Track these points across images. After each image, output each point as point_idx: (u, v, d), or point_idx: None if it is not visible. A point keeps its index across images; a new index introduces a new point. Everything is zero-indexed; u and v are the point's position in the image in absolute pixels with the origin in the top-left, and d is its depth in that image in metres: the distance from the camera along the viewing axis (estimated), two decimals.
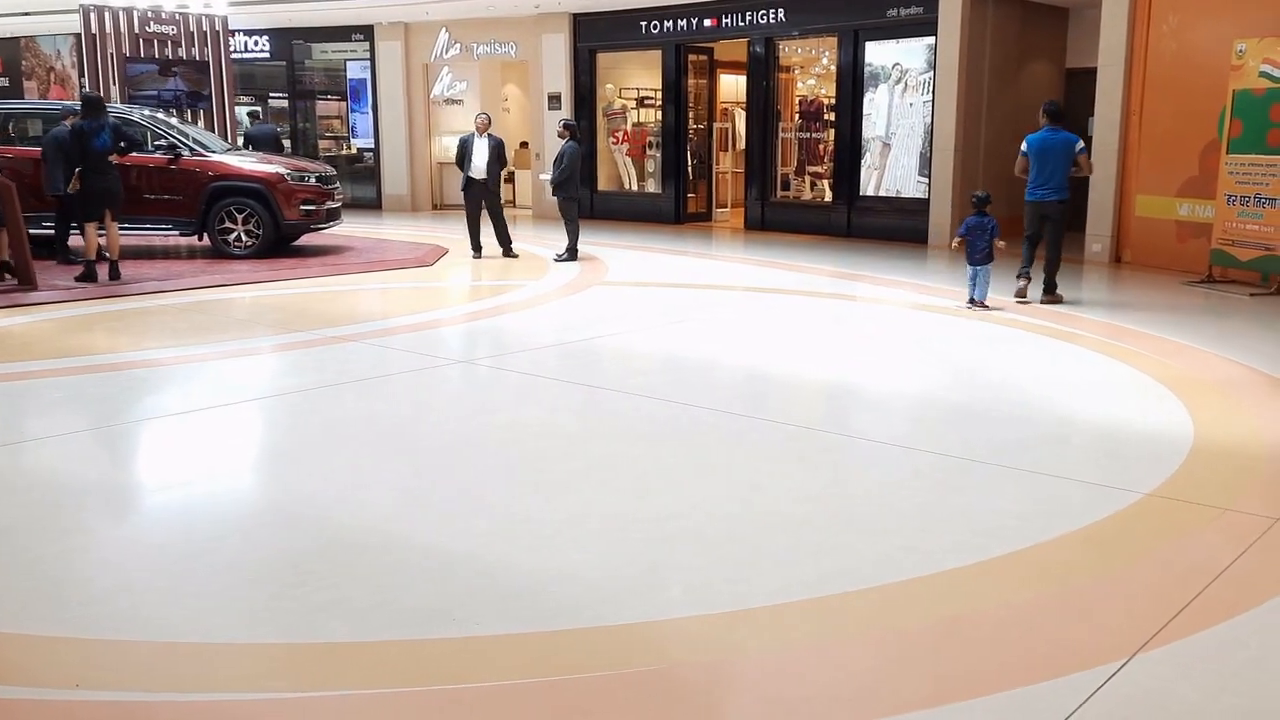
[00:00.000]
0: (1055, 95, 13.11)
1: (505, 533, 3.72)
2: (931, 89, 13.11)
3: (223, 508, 4.10)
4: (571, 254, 11.47)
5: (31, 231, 9.51)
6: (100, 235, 9.61)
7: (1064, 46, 14.05)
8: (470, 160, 11.59)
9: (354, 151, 19.41)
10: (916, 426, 5.35)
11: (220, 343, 7.23)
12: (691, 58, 16.38)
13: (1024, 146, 8.81)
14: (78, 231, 9.83)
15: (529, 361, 6.65)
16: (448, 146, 18.98)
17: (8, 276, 9.24)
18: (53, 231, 10.56)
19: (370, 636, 2.93)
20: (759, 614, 3.09)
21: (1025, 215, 8.97)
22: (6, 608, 3.13)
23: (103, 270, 9.51)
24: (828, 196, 15.00)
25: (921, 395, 5.94)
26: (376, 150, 18.90)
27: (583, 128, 11.78)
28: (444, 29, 17.93)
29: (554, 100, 17.13)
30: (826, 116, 15.07)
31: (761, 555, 3.53)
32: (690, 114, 16.59)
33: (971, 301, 8.48)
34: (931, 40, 13.04)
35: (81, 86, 17.75)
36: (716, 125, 17.05)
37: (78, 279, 9.41)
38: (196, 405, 5.58)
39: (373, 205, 18.79)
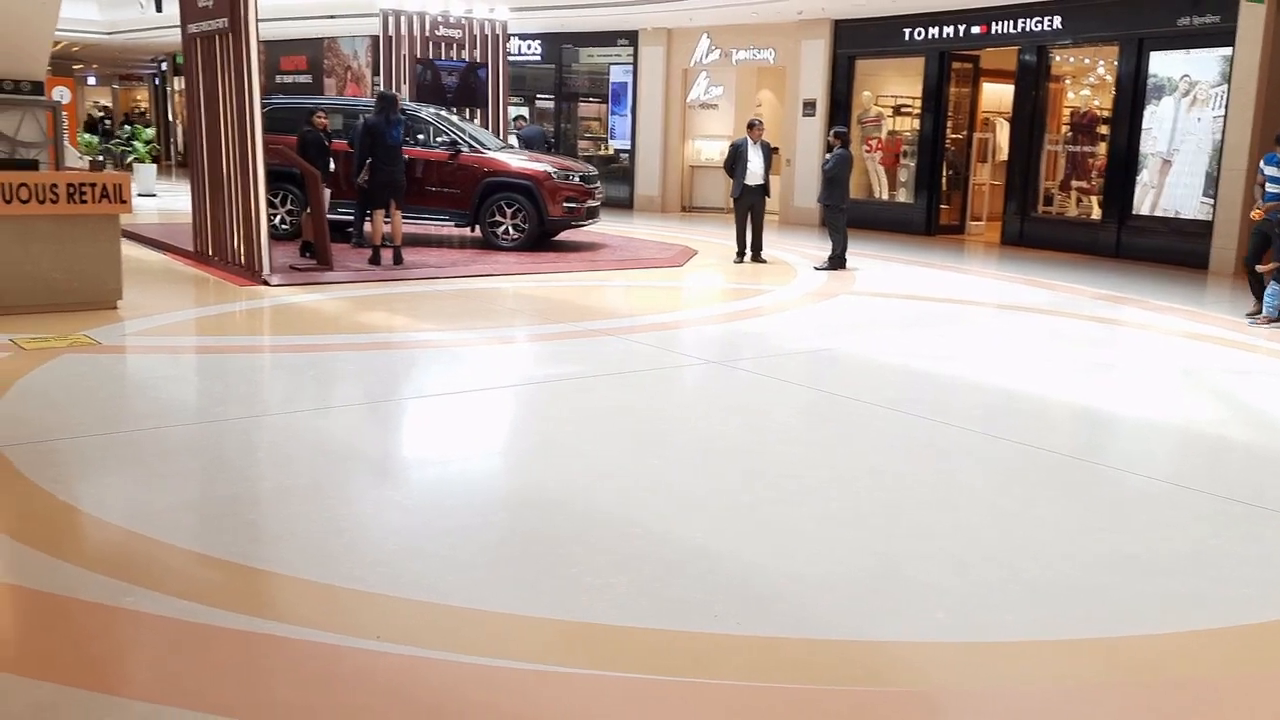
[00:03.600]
0: None
1: (760, 537, 3.79)
2: (1224, 103, 12.11)
3: (488, 485, 4.40)
4: (834, 263, 11.36)
5: (330, 217, 10.46)
6: (386, 223, 10.44)
7: None
8: (747, 167, 11.71)
9: (610, 152, 20.11)
10: (1188, 464, 5.01)
11: (486, 329, 7.73)
12: (955, 65, 15.90)
13: None
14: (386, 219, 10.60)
15: (773, 365, 6.71)
16: (700, 149, 19.35)
17: (309, 256, 10.26)
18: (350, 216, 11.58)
19: (636, 623, 3.08)
20: (1026, 647, 2.99)
21: None
22: (313, 557, 3.49)
23: (387, 255, 10.34)
24: (1095, 214, 14.17)
25: (1191, 430, 5.54)
26: (632, 152, 19.50)
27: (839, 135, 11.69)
28: (705, 34, 18.25)
29: (808, 107, 17.07)
30: (1099, 129, 14.24)
31: (1020, 584, 3.42)
32: (949, 123, 16.11)
33: None
34: (1227, 51, 12.05)
35: (375, 84, 19.32)
36: (976, 135, 16.46)
37: (369, 261, 10.28)
38: (463, 386, 6.00)
39: (625, 205, 19.39)
